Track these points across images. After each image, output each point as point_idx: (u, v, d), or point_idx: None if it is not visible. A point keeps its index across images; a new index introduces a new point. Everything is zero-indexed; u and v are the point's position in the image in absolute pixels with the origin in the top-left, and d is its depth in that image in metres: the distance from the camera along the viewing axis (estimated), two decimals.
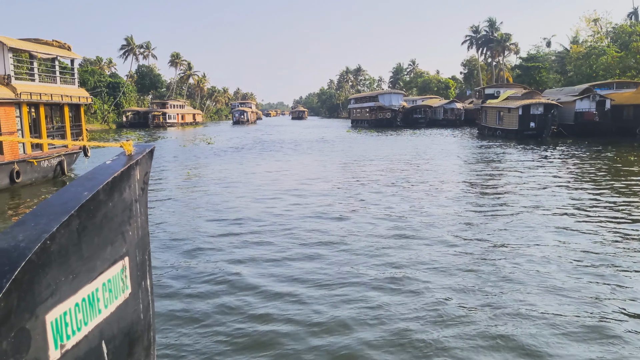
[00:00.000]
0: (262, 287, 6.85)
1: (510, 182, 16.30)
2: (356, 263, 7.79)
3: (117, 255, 1.61)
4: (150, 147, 1.90)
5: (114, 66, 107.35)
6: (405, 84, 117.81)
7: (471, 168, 20.55)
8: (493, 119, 41.10)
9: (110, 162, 1.72)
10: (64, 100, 18.98)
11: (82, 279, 1.39)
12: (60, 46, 20.43)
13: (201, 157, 26.95)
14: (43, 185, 17.24)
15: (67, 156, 19.59)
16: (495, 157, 24.91)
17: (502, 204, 12.64)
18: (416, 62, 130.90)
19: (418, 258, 7.98)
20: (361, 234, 9.57)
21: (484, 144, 33.34)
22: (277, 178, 17.91)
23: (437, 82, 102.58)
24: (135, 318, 1.76)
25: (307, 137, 45.97)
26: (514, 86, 46.25)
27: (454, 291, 6.60)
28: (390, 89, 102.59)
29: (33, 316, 1.17)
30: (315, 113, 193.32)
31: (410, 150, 29.85)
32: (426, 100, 78.87)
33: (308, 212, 11.66)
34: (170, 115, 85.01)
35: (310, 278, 7.15)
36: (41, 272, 1.19)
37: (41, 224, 1.25)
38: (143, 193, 1.83)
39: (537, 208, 11.91)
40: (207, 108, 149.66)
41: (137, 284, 1.78)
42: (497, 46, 72.37)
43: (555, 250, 8.40)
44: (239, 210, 11.97)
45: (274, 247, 8.74)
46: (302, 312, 5.99)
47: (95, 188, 1.45)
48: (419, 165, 21.58)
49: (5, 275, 1.08)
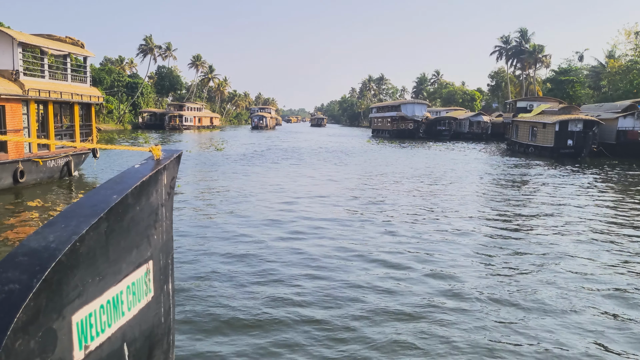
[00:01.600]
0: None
1: (545, 213, 13.56)
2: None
3: (142, 258, 1.63)
4: (178, 153, 1.92)
5: (135, 67, 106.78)
6: (429, 95, 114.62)
7: (501, 193, 17.73)
8: (525, 135, 37.97)
9: (139, 166, 1.73)
10: (74, 99, 18.29)
11: (108, 281, 1.41)
12: (73, 43, 19.77)
13: (204, 166, 24.59)
14: (48, 186, 16.51)
15: (75, 157, 18.83)
16: (528, 179, 22.04)
17: (536, 242, 10.23)
18: (440, 73, 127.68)
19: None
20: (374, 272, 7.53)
21: (515, 162, 30.33)
22: (283, 199, 15.22)
23: (462, 93, 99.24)
24: (156, 321, 1.77)
25: (324, 146, 43.44)
26: (548, 100, 43.02)
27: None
28: (413, 99, 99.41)
29: (60, 316, 1.19)
30: (336, 121, 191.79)
31: (434, 166, 27.07)
32: (450, 112, 75.69)
33: (316, 252, 9.06)
34: (187, 118, 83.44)
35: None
36: (70, 273, 1.21)
37: (71, 226, 1.27)
38: (169, 197, 1.86)
39: (577, 247, 9.77)
40: (227, 112, 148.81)
41: (159, 288, 1.79)
42: (529, 58, 68.61)
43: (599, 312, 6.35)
44: (228, 243, 9.42)
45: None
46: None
47: (124, 192, 1.47)
48: (444, 187, 18.82)
49: (35, 275, 1.10)
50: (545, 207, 14.53)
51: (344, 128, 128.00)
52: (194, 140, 50.50)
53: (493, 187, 19.22)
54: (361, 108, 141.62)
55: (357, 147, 43.29)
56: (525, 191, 17.93)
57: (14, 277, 1.10)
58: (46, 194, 15.17)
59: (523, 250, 9.47)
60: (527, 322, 6.08)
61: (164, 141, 46.27)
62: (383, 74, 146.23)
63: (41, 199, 14.22)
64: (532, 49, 68.24)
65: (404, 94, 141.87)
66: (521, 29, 69.29)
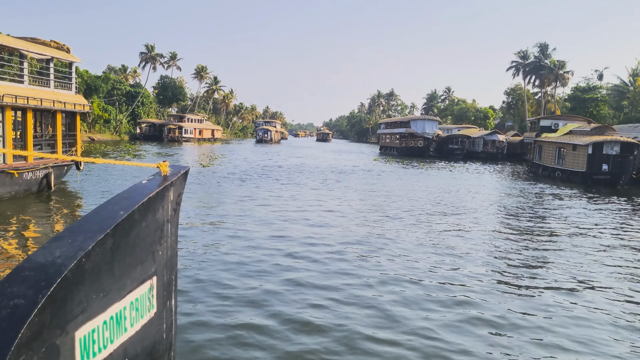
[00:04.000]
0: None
1: (579, 262, 9.90)
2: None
3: (146, 274, 1.62)
4: (185, 169, 1.94)
5: (138, 76, 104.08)
6: (440, 112, 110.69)
7: (526, 228, 13.86)
8: (551, 157, 33.80)
9: (146, 182, 1.73)
10: (56, 107, 17.02)
11: (112, 297, 1.40)
12: (58, 47, 18.50)
13: None
14: (24, 200, 15.25)
15: (56, 169, 17.52)
16: (556, 211, 17.99)
17: (569, 290, 8.15)
18: (452, 90, 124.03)
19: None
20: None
21: (540, 189, 26.20)
22: (266, 236, 11.24)
23: (474, 110, 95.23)
24: (158, 338, 1.76)
25: (327, 164, 39.51)
26: (575, 118, 38.87)
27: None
28: (423, 115, 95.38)
29: (64, 332, 1.18)
30: (344, 136, 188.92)
31: (447, 192, 23.03)
32: (463, 129, 71.64)
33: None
34: (187, 130, 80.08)
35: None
36: (74, 289, 1.21)
37: (77, 241, 1.27)
38: (175, 214, 1.85)
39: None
40: (232, 125, 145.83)
41: (162, 304, 1.78)
42: (549, 74, 64.29)
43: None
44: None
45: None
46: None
47: (131, 208, 1.46)
48: (459, 220, 14.80)
49: (41, 291, 1.09)
50: (586, 251, 10.73)
51: (351, 144, 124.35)
52: (187, 154, 46.77)
53: (518, 221, 15.21)
54: (369, 124, 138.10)
55: (362, 166, 39.26)
56: (560, 229, 13.85)
57: (19, 292, 1.10)
58: (21, 209, 13.98)
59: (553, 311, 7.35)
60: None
61: (148, 153, 42.56)
62: (393, 89, 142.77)
63: (14, 214, 13.17)
64: (552, 65, 64.01)
65: (413, 111, 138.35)
66: (540, 44, 65.14)
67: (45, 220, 13.02)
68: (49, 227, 12.16)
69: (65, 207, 15.22)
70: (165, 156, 41.21)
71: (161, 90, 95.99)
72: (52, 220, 13.16)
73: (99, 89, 67.37)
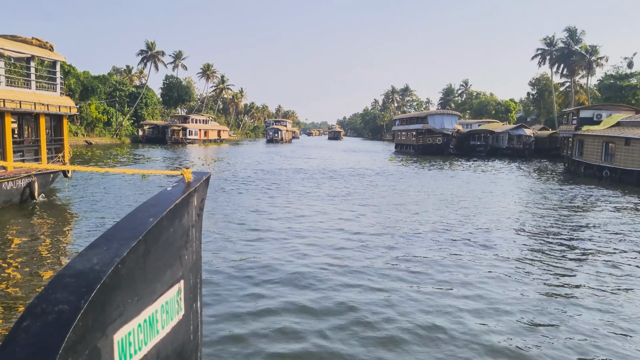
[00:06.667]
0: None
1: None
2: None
3: (174, 278, 1.68)
4: (206, 175, 2.00)
5: (145, 77, 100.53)
6: (457, 106, 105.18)
7: (580, 248, 9.39)
8: (595, 153, 28.87)
9: (171, 189, 1.79)
10: (38, 109, 15.92)
11: (145, 301, 1.46)
12: (40, 45, 17.27)
13: (138, 197, 16.53)
14: (2, 213, 13.85)
15: (40, 177, 16.36)
16: (614, 225, 13.41)
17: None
18: (469, 83, 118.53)
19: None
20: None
21: (586, 193, 21.47)
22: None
23: (495, 104, 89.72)
24: (186, 339, 1.82)
25: (337, 166, 35.13)
26: (620, 108, 33.77)
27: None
28: (441, 109, 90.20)
29: (104, 335, 1.24)
30: (358, 134, 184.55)
31: (475, 199, 18.51)
32: (484, 124, 66.52)
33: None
34: (192, 131, 76.23)
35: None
36: (112, 294, 1.27)
37: (112, 248, 1.34)
38: (199, 219, 1.92)
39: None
40: (243, 125, 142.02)
41: (189, 306, 1.84)
42: (581, 61, 58.42)
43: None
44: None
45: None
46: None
47: (160, 214, 1.52)
48: (488, 243, 10.33)
49: (82, 297, 1.15)
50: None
51: (365, 142, 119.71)
52: (182, 157, 42.69)
53: (559, 238, 10.69)
54: (384, 121, 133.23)
55: (374, 168, 34.69)
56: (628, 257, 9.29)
57: (62, 297, 1.16)
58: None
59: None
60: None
61: (138, 158, 38.52)
62: (408, 85, 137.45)
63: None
64: (584, 50, 58.20)
65: (429, 106, 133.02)
66: (569, 28, 59.18)
67: (26, 235, 11.56)
68: (28, 244, 10.64)
69: (50, 219, 13.73)
70: (153, 161, 37.17)
71: (166, 90, 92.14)
72: (34, 234, 11.71)
73: (96, 90, 63.64)
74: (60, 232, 12.17)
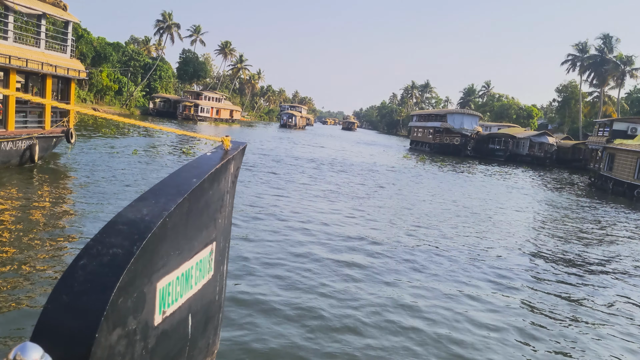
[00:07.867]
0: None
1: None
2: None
3: (209, 239, 1.73)
4: (243, 145, 2.01)
5: (163, 49, 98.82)
6: (477, 108, 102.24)
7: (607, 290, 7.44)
8: (628, 170, 26.69)
9: (210, 154, 1.83)
10: (45, 70, 15.28)
11: (184, 256, 1.51)
12: (54, 4, 16.45)
13: (114, 183, 14.81)
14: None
15: (42, 140, 15.68)
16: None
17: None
18: (491, 85, 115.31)
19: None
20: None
21: (615, 215, 19.44)
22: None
23: (517, 108, 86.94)
24: (212, 298, 1.87)
25: (349, 159, 33.21)
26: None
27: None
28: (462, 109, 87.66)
29: (149, 282, 1.29)
30: (373, 127, 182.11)
31: (494, 212, 16.61)
32: (504, 128, 64.04)
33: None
34: (203, 108, 74.59)
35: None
36: (159, 244, 1.32)
37: (161, 202, 1.38)
38: (233, 186, 1.96)
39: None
40: (258, 107, 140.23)
41: (217, 268, 1.87)
42: (614, 70, 55.52)
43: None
44: None
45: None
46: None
47: (202, 176, 1.58)
48: (505, 256, 8.49)
49: (135, 243, 1.21)
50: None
51: (379, 135, 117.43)
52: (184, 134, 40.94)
53: (586, 265, 8.76)
54: (400, 115, 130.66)
55: (388, 164, 32.73)
56: None
57: (116, 242, 1.22)
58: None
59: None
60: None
61: (143, 133, 36.88)
62: (429, 81, 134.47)
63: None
64: (619, 59, 55.27)
65: (448, 105, 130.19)
66: (604, 35, 56.38)
67: (20, 198, 11.00)
68: (21, 206, 10.21)
69: (46, 184, 13.23)
70: (159, 135, 35.52)
71: (182, 65, 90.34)
72: (29, 197, 11.22)
73: (109, 57, 62.01)
74: (56, 196, 11.80)
